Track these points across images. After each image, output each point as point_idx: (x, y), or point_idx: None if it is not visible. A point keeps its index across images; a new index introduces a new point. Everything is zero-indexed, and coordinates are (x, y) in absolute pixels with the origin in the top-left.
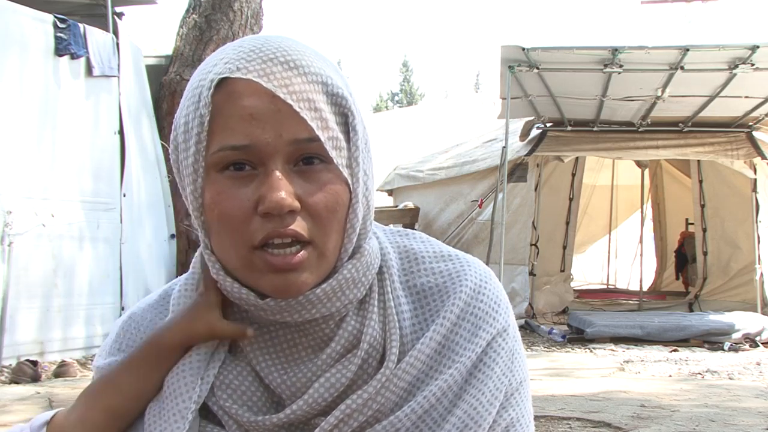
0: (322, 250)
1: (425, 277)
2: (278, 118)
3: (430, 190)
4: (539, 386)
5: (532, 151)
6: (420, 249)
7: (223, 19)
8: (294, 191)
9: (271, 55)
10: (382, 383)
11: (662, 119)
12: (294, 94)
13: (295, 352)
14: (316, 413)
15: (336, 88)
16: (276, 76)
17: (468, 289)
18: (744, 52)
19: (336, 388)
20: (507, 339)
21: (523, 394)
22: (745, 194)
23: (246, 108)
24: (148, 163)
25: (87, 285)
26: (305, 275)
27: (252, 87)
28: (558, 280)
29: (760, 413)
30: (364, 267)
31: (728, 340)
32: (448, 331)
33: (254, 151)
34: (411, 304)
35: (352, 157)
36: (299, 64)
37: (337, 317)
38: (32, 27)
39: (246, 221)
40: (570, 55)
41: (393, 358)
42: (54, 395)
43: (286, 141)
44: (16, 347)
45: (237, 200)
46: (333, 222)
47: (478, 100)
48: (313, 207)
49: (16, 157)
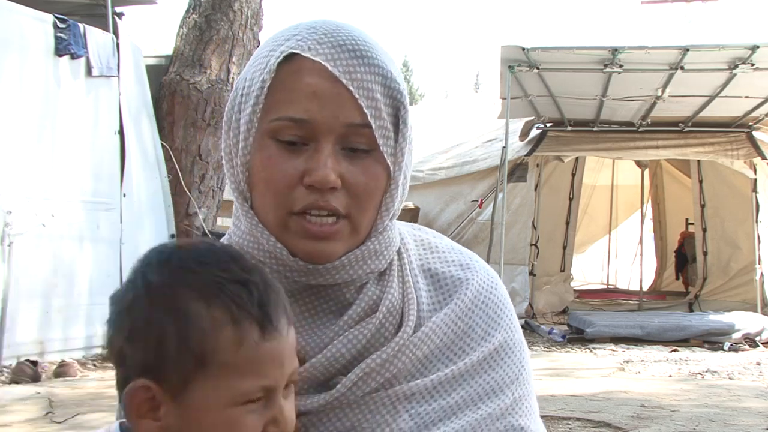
0: (356, 226)
1: (439, 264)
2: (338, 100)
3: (430, 190)
4: (539, 386)
5: (532, 151)
6: (434, 241)
7: (223, 19)
8: (339, 170)
9: (341, 41)
10: (400, 346)
11: (662, 119)
12: (355, 81)
13: (317, 316)
14: (336, 371)
15: (394, 83)
16: (342, 62)
17: (479, 281)
18: (744, 52)
19: (354, 346)
20: (516, 336)
21: (529, 405)
22: (745, 194)
23: (310, 85)
24: (148, 163)
25: (87, 285)
26: (337, 245)
27: (319, 67)
28: (558, 280)
29: (760, 413)
30: (387, 242)
31: (728, 340)
32: (463, 314)
33: (310, 126)
34: (426, 286)
35: (398, 147)
36: (365, 54)
37: (358, 283)
38: (32, 27)
39: (290, 188)
40: (570, 55)
41: (411, 322)
42: (54, 395)
43: (342, 123)
44: (16, 347)
45: (285, 168)
46: (370, 203)
47: (478, 100)
48: (353, 187)
49: (16, 157)
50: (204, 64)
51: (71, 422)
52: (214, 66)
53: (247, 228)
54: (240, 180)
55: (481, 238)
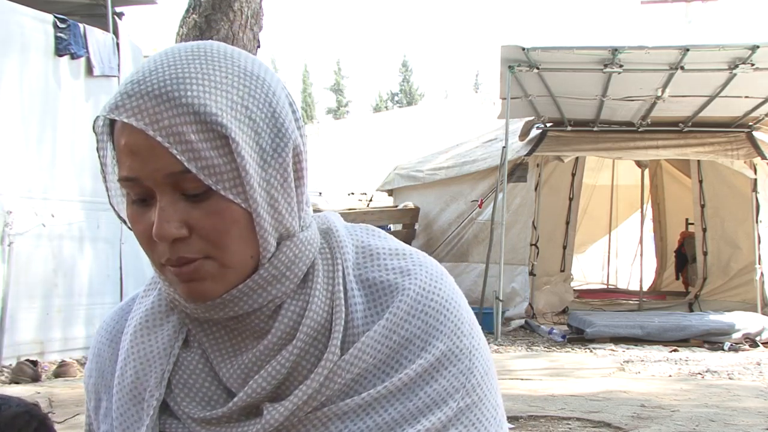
0: (223, 263)
1: (377, 272)
2: (153, 153)
3: (430, 190)
4: (539, 386)
5: (532, 151)
6: (377, 245)
7: (223, 19)
8: (182, 218)
9: (149, 89)
10: (328, 371)
11: (662, 119)
12: (163, 130)
13: (240, 340)
14: (264, 399)
15: (209, 116)
16: (148, 112)
17: (416, 287)
18: (744, 52)
19: (274, 377)
20: (462, 342)
21: (479, 414)
22: (745, 194)
23: (127, 145)
24: None
25: (87, 285)
26: (207, 284)
27: (128, 125)
28: (558, 280)
29: (760, 413)
30: (288, 262)
31: (728, 340)
32: (398, 326)
33: (140, 183)
34: (364, 297)
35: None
36: (173, 96)
37: (272, 307)
38: (32, 27)
39: (150, 243)
40: (570, 55)
41: (336, 342)
42: (54, 395)
43: (163, 174)
44: (16, 347)
45: (142, 225)
46: (227, 240)
47: (477, 100)
48: (202, 231)
49: (16, 157)
50: None
51: (71, 422)
52: None
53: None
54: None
55: (481, 238)
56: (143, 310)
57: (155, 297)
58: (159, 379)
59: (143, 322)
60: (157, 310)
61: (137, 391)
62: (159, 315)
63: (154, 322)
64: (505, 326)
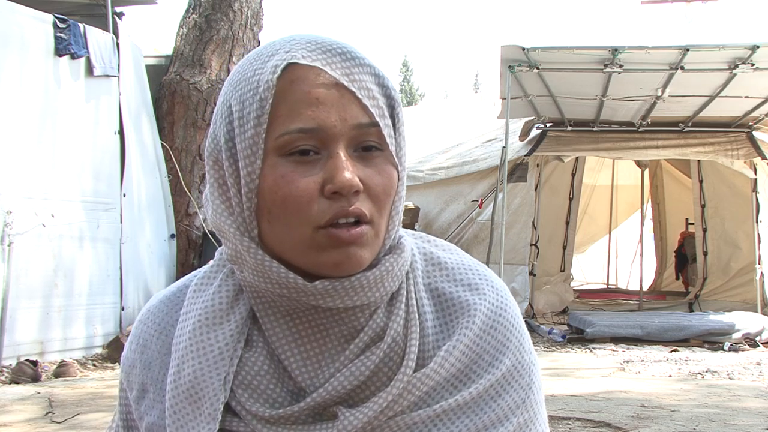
0: (378, 231)
1: (447, 283)
2: (342, 103)
3: (430, 190)
4: None
5: (532, 151)
6: (443, 256)
7: (223, 19)
8: (357, 173)
9: (329, 47)
10: (404, 384)
11: (662, 119)
12: (355, 83)
13: (326, 341)
14: (335, 401)
15: (385, 80)
16: (338, 65)
17: (489, 304)
18: (744, 52)
19: (357, 378)
20: (524, 357)
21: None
22: (745, 194)
23: (312, 93)
24: (148, 163)
25: (87, 285)
26: (365, 251)
27: (315, 73)
28: (558, 280)
29: (760, 413)
30: (403, 260)
31: (728, 340)
32: (473, 342)
33: (320, 134)
34: (433, 307)
35: (398, 144)
36: (355, 56)
37: (373, 307)
38: (32, 27)
39: (311, 202)
40: (570, 55)
41: (410, 360)
42: (54, 395)
43: (351, 125)
44: (16, 347)
45: (303, 182)
46: (387, 204)
47: (477, 100)
48: (373, 189)
49: (16, 157)
50: (204, 64)
51: (71, 422)
52: (214, 66)
53: (251, 264)
54: (245, 214)
55: (481, 238)
56: (201, 306)
57: (214, 292)
58: (222, 381)
59: (203, 319)
60: (218, 306)
61: (194, 390)
62: (220, 311)
63: (214, 319)
64: None
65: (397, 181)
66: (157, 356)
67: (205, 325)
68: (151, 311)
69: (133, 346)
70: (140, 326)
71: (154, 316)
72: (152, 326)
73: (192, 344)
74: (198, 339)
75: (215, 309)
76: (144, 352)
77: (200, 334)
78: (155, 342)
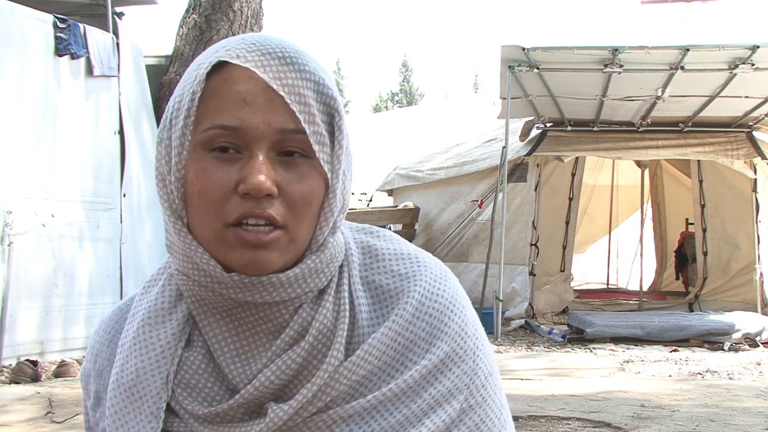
0: (293, 237)
1: (382, 274)
2: (269, 107)
3: (430, 190)
4: (539, 386)
5: (532, 151)
6: (381, 247)
7: (223, 19)
8: (274, 178)
9: (270, 50)
10: (330, 374)
11: (662, 119)
12: (286, 87)
13: (255, 338)
14: (266, 398)
15: (326, 89)
16: (272, 68)
17: (421, 289)
18: (744, 52)
19: (284, 372)
20: (466, 343)
21: (484, 414)
22: (745, 194)
23: (240, 93)
24: (148, 163)
25: (87, 285)
26: (274, 255)
27: (248, 75)
28: (558, 280)
29: (760, 413)
30: (328, 259)
31: (728, 340)
32: (403, 329)
33: (242, 134)
34: (369, 299)
35: (335, 155)
36: (295, 61)
37: (296, 303)
38: (32, 27)
39: (225, 199)
40: (570, 55)
41: (339, 347)
42: (54, 395)
43: (274, 129)
44: (16, 347)
45: (219, 178)
46: (307, 212)
47: (477, 100)
48: (290, 195)
49: (16, 157)
50: None
51: (71, 422)
52: None
53: (180, 248)
54: (174, 198)
55: (481, 238)
56: (145, 307)
57: (157, 293)
58: (164, 380)
59: (145, 319)
60: (160, 306)
61: (137, 388)
62: (163, 310)
63: (157, 318)
64: (505, 326)
65: (326, 192)
66: (107, 364)
67: (148, 324)
68: (104, 322)
69: (88, 356)
70: (95, 337)
71: (106, 326)
72: (103, 335)
73: (135, 342)
74: (141, 337)
75: (158, 308)
76: (96, 362)
77: (143, 332)
78: (105, 351)
